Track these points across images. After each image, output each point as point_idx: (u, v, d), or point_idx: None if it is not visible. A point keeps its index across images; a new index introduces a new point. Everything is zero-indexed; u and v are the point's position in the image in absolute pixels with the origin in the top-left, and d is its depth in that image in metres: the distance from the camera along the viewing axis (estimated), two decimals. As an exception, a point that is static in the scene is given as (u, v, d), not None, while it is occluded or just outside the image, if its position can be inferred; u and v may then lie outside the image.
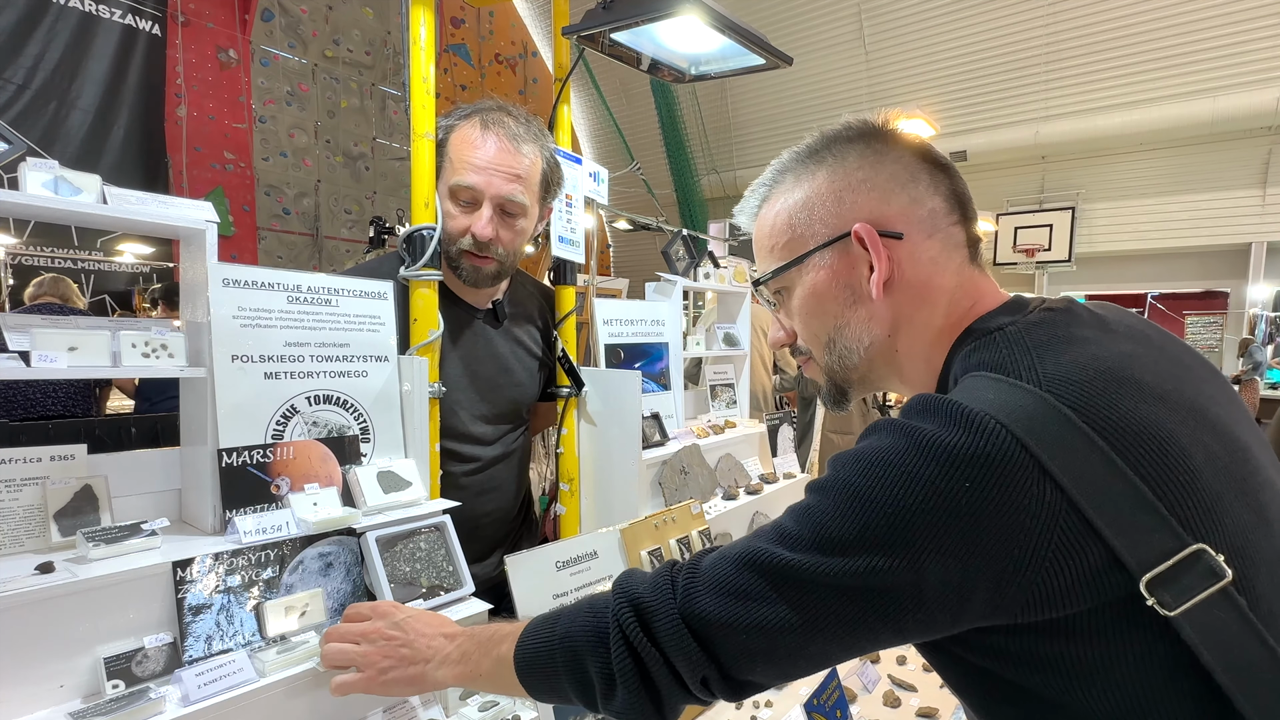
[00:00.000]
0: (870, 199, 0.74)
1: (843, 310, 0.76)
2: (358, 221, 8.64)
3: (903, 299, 0.74)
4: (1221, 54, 7.07)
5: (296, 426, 1.09)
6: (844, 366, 0.78)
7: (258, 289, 1.06)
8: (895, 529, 0.56)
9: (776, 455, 2.13)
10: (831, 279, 0.76)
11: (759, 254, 0.83)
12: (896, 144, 0.77)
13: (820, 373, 0.81)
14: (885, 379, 0.80)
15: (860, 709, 1.30)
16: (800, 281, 0.78)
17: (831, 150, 0.77)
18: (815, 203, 0.76)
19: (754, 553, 0.63)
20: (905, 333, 0.75)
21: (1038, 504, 0.53)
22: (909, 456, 0.57)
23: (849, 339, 0.76)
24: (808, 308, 0.78)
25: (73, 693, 0.82)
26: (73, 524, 0.92)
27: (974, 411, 0.56)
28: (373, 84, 8.77)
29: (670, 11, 1.29)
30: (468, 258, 1.36)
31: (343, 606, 1.03)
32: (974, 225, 0.77)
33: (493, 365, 1.49)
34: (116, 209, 0.93)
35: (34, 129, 5.77)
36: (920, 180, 0.75)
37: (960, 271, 0.75)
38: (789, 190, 0.79)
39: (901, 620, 0.58)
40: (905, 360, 0.76)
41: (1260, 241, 7.64)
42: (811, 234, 0.76)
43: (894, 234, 0.73)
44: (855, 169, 0.75)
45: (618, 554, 1.20)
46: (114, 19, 6.26)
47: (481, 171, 1.31)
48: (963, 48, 8.35)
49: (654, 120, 10.89)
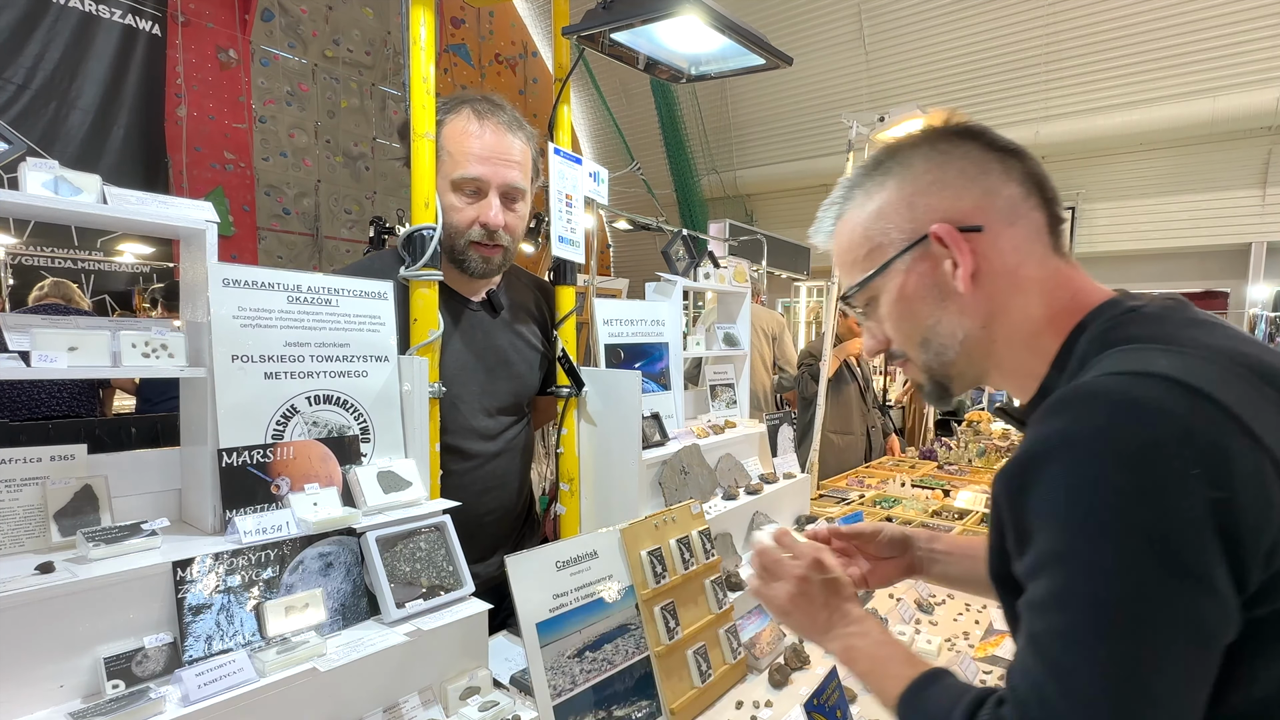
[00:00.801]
0: (943, 199, 0.76)
1: (933, 309, 0.78)
2: (358, 221, 8.64)
3: (993, 290, 0.75)
4: (1221, 54, 7.07)
5: (296, 426, 1.09)
6: (942, 363, 0.80)
7: (258, 289, 1.06)
8: (1161, 542, 0.55)
9: (776, 455, 2.13)
10: (918, 281, 0.78)
11: (842, 270, 0.86)
12: (960, 140, 0.78)
13: (920, 372, 0.84)
14: (984, 372, 0.81)
15: (860, 709, 1.30)
16: (886, 288, 0.80)
17: (896, 159, 0.80)
18: (888, 212, 0.79)
19: (1062, 650, 0.59)
20: (1001, 322, 0.76)
21: (1253, 464, 0.56)
22: (1121, 473, 0.56)
23: (943, 335, 0.78)
24: (898, 311, 0.81)
25: (73, 693, 0.82)
26: (73, 524, 0.92)
27: (1165, 382, 0.58)
28: (373, 84, 8.77)
29: (670, 11, 1.29)
30: (476, 249, 1.37)
31: (343, 606, 1.03)
32: (1056, 205, 0.79)
33: (492, 357, 1.50)
34: (116, 209, 0.93)
35: (34, 129, 5.77)
36: (991, 171, 0.76)
37: (1047, 258, 0.76)
38: (861, 205, 0.82)
39: (1216, 629, 0.57)
40: (1004, 350, 0.78)
41: (1260, 241, 7.63)
42: (889, 242, 0.79)
43: (973, 227, 0.74)
44: (923, 173, 0.78)
45: (618, 554, 1.20)
46: (114, 19, 6.26)
47: (486, 161, 1.34)
48: (963, 48, 8.35)
49: (654, 120, 10.89)
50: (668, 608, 1.23)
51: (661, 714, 1.17)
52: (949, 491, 3.06)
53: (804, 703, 1.05)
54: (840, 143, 3.41)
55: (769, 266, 5.73)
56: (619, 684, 1.12)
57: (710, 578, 1.35)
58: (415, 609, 1.06)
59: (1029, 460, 0.63)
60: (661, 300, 1.98)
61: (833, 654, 0.88)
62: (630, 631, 1.17)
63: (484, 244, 1.38)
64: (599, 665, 1.10)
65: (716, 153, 10.95)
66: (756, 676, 1.39)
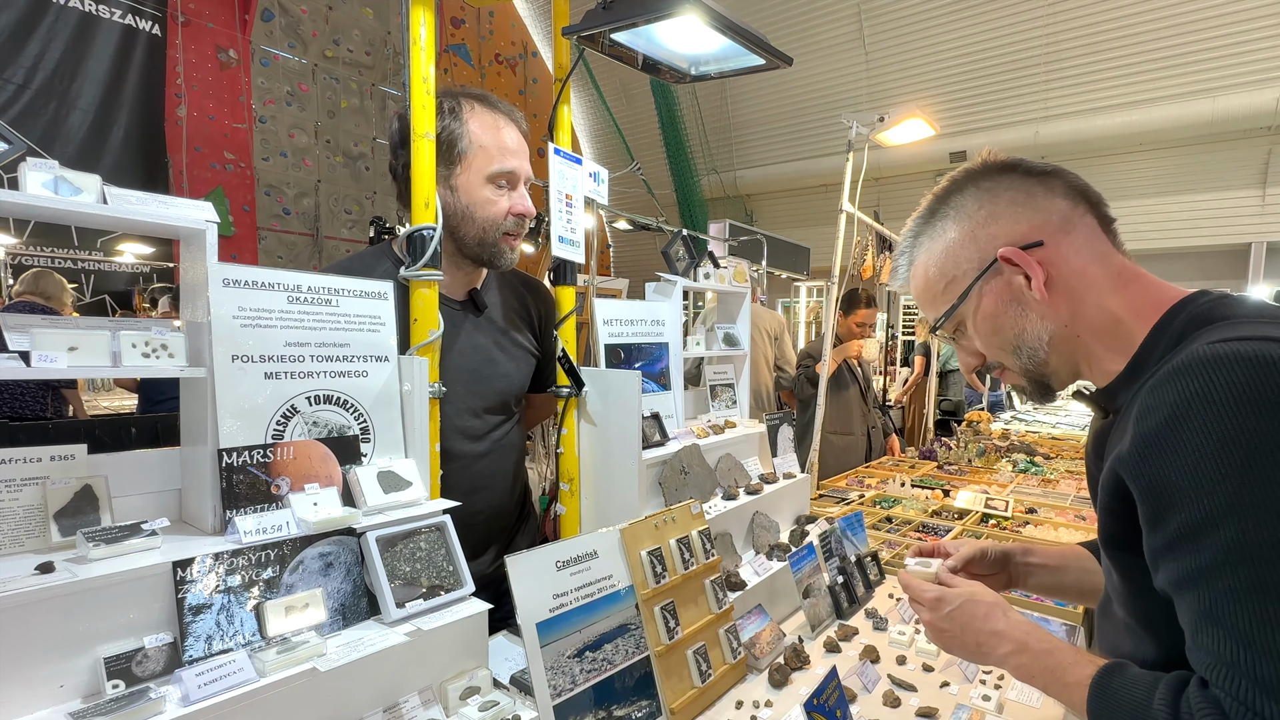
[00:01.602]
0: (1000, 227, 0.87)
1: (1016, 319, 0.88)
2: (358, 221, 8.65)
3: (1067, 291, 0.85)
4: (1221, 54, 7.07)
5: (297, 426, 1.09)
6: (1036, 363, 0.89)
7: (258, 289, 1.06)
8: None
9: (776, 455, 2.13)
10: (996, 300, 0.88)
11: (925, 306, 0.97)
12: (1001, 174, 0.89)
13: (1018, 376, 0.93)
14: (1076, 364, 0.89)
15: (860, 709, 1.30)
16: (970, 313, 0.91)
17: (948, 204, 0.92)
18: (955, 250, 0.90)
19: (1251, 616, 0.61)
20: (1081, 317, 0.85)
21: None
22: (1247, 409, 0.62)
23: (1031, 340, 0.88)
24: (987, 328, 0.91)
25: (73, 693, 0.82)
26: (73, 524, 0.92)
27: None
28: (373, 84, 8.77)
29: (670, 12, 1.29)
30: (507, 239, 1.43)
31: (343, 606, 1.03)
32: (1104, 206, 0.88)
33: (476, 357, 1.49)
34: (116, 209, 0.93)
35: (34, 129, 5.78)
36: (1035, 193, 0.87)
37: (1110, 255, 0.86)
38: (928, 249, 0.94)
39: None
40: (1090, 340, 0.86)
41: (1260, 241, 7.64)
42: (963, 274, 0.90)
43: (1035, 244, 0.84)
44: (976, 210, 0.89)
45: (618, 554, 1.20)
46: (114, 19, 6.26)
47: (517, 155, 1.42)
48: (963, 48, 8.35)
49: (654, 120, 10.89)
50: (668, 608, 1.23)
51: (661, 714, 1.17)
52: (949, 491, 3.06)
53: (804, 703, 1.05)
54: (840, 143, 3.41)
55: (769, 266, 5.74)
56: (619, 684, 1.12)
57: (710, 578, 1.35)
58: (415, 609, 1.06)
59: (1164, 428, 0.66)
60: (661, 300, 1.98)
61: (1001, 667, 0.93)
62: (630, 631, 1.17)
63: (514, 234, 1.44)
64: (599, 665, 1.10)
65: (716, 153, 10.96)
66: (756, 676, 1.39)
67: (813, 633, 1.60)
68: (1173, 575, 0.68)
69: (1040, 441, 4.49)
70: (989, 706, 1.30)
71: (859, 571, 1.83)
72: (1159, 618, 0.75)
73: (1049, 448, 4.24)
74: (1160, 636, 0.78)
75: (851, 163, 3.20)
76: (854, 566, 1.82)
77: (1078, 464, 3.76)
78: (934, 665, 1.46)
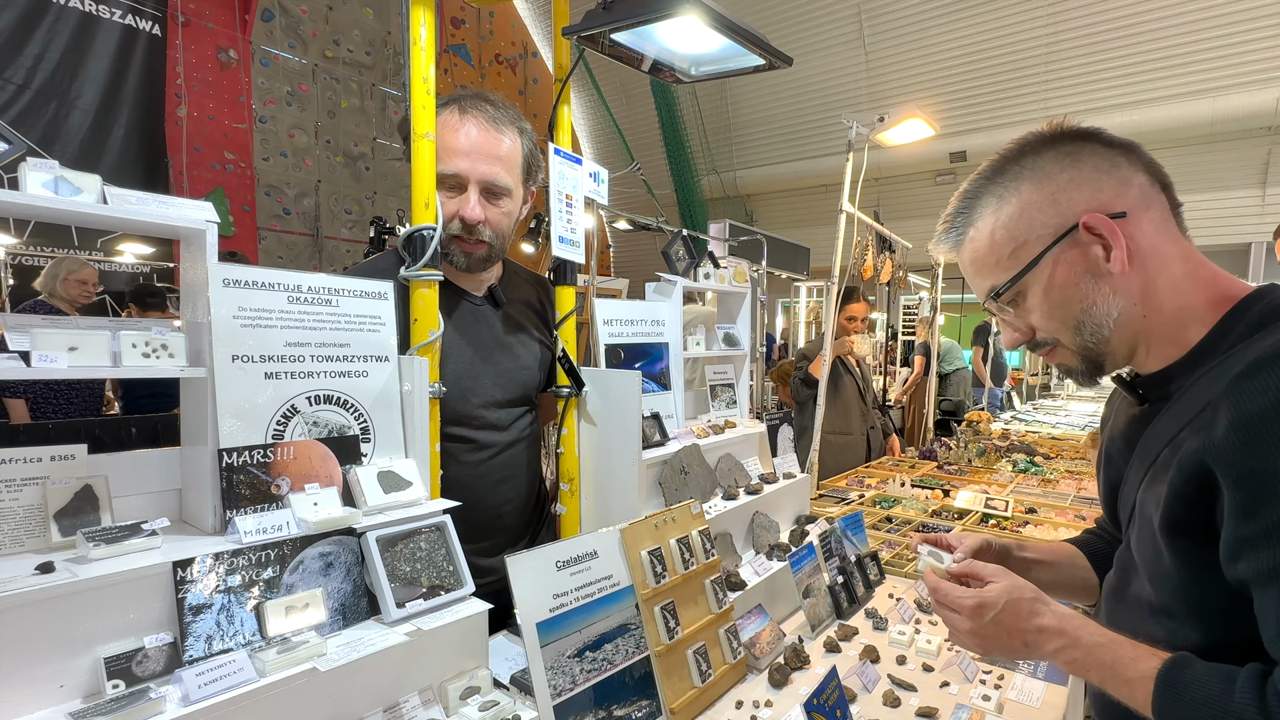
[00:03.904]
0: (1084, 193, 0.82)
1: (1087, 293, 0.83)
2: (358, 221, 8.64)
3: (1143, 268, 0.81)
4: (1221, 54, 7.07)
5: (297, 426, 1.09)
6: (1097, 341, 0.85)
7: (258, 289, 1.06)
8: None
9: (776, 455, 2.13)
10: (1067, 270, 0.83)
11: (982, 270, 0.90)
12: (1084, 140, 0.84)
13: (1073, 355, 0.88)
14: (1134, 346, 0.86)
15: (860, 709, 1.30)
16: (1036, 281, 0.85)
17: (1023, 164, 0.85)
18: (1030, 211, 0.84)
19: None
20: (1152, 297, 0.82)
21: None
22: None
23: (1098, 316, 0.83)
24: (1051, 300, 0.85)
25: (73, 693, 0.82)
26: (73, 524, 0.92)
27: None
28: (373, 84, 8.77)
29: (670, 12, 1.28)
30: (458, 243, 1.39)
31: (343, 606, 1.03)
32: (1173, 190, 0.86)
33: (500, 350, 1.52)
34: (116, 209, 0.93)
35: (34, 129, 5.77)
36: (1119, 163, 0.83)
37: (1179, 237, 0.84)
38: (995, 209, 0.87)
39: None
40: (1154, 322, 0.83)
41: (1260, 241, 7.63)
42: (1036, 238, 0.83)
43: (1119, 214, 0.80)
44: (1058, 172, 0.83)
45: (618, 554, 1.20)
46: (114, 19, 6.26)
47: (465, 156, 1.35)
48: (963, 48, 8.35)
49: (654, 120, 10.90)
50: (668, 607, 1.23)
51: (661, 714, 1.17)
52: (949, 491, 3.06)
53: (804, 703, 1.05)
54: (840, 143, 3.41)
55: (769, 266, 5.74)
56: (619, 684, 1.12)
57: (710, 577, 1.35)
58: (415, 609, 1.06)
59: (1263, 415, 0.66)
60: (661, 300, 1.97)
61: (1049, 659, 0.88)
62: (630, 631, 1.17)
63: (464, 239, 1.38)
64: (599, 665, 1.10)
65: (716, 153, 10.96)
66: (756, 676, 1.39)
67: (813, 633, 1.60)
68: (1264, 565, 0.67)
69: (1040, 441, 4.49)
70: (989, 706, 1.30)
71: (859, 571, 1.83)
72: (1213, 605, 0.76)
73: (1049, 448, 4.24)
74: (1210, 623, 0.77)
75: (851, 163, 3.20)
76: (854, 566, 1.82)
77: (1078, 464, 3.76)
78: (934, 665, 1.46)
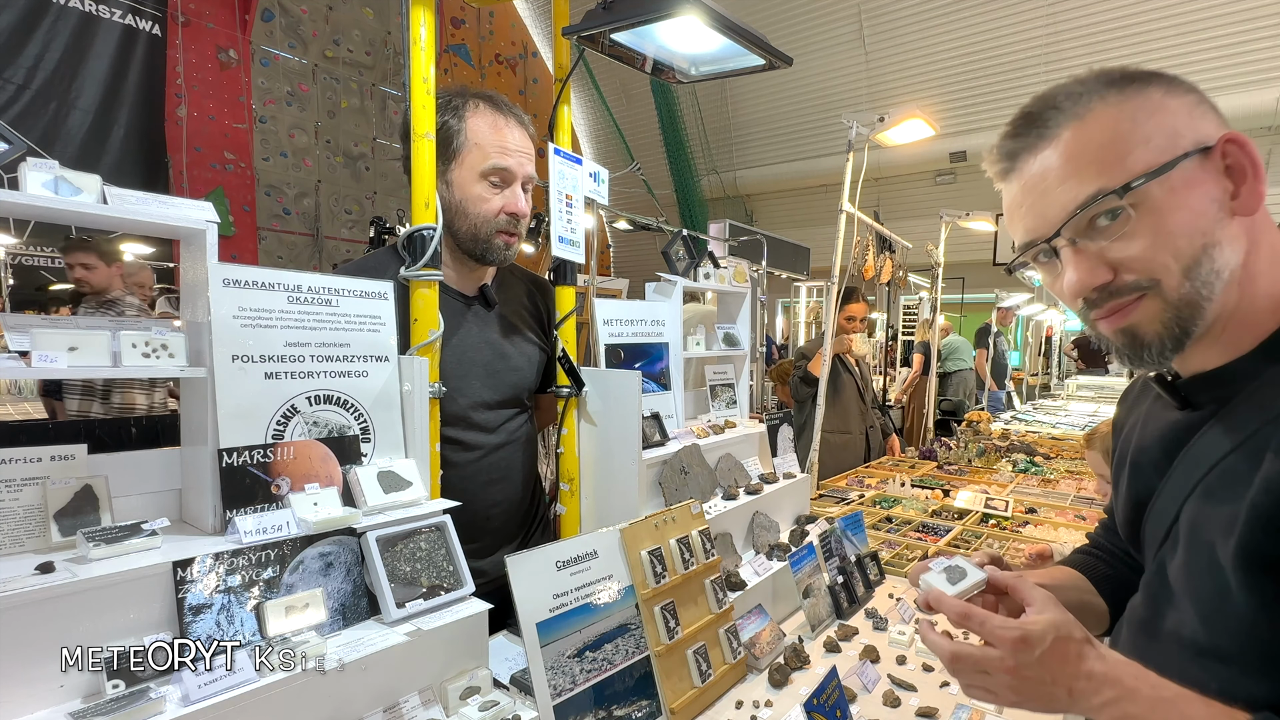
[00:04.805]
0: (1211, 121, 0.69)
1: (1213, 227, 0.67)
2: (358, 221, 8.65)
3: (1250, 228, 0.68)
4: (1221, 54, 7.08)
5: (297, 426, 1.09)
6: (1204, 296, 0.67)
7: (258, 289, 1.06)
8: None
9: (776, 455, 2.13)
10: (1202, 192, 0.67)
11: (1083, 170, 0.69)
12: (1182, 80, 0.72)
13: (1163, 311, 0.69)
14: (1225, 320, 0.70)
15: (860, 709, 1.30)
16: (1156, 196, 0.66)
17: (1149, 75, 0.71)
18: (1169, 113, 0.68)
19: None
20: (1253, 260, 0.68)
21: None
22: None
23: (1220, 261, 0.67)
24: (1172, 224, 0.66)
25: (73, 693, 0.82)
26: (73, 524, 0.92)
27: None
28: (373, 84, 8.77)
29: (670, 12, 1.28)
30: (502, 236, 1.46)
31: (343, 606, 1.03)
32: None
33: (489, 350, 1.52)
34: (116, 209, 0.93)
35: (34, 129, 5.78)
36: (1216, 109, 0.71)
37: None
38: (1116, 103, 0.69)
39: None
40: (1245, 301, 0.69)
41: (1260, 241, 7.63)
42: (1169, 142, 0.67)
43: None
44: (1184, 92, 0.70)
45: (618, 554, 1.20)
46: (114, 19, 6.26)
47: (514, 154, 1.44)
48: (963, 48, 8.35)
49: (654, 120, 10.90)
50: (668, 607, 1.23)
51: (661, 714, 1.17)
52: (948, 491, 3.06)
53: (804, 703, 1.05)
54: (840, 143, 3.40)
55: (769, 266, 5.74)
56: (619, 684, 1.12)
57: (710, 577, 1.35)
58: (415, 609, 1.06)
59: None
60: (661, 300, 1.97)
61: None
62: (630, 631, 1.17)
63: (508, 231, 1.46)
64: (599, 665, 1.10)
65: (716, 153, 10.96)
66: (756, 676, 1.39)
67: (813, 633, 1.60)
68: None
69: (1040, 442, 4.49)
70: (989, 707, 1.30)
71: (859, 571, 1.83)
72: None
73: (1049, 448, 4.24)
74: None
75: (851, 163, 3.20)
76: (854, 566, 1.82)
77: (1078, 464, 3.76)
78: (934, 665, 1.46)
